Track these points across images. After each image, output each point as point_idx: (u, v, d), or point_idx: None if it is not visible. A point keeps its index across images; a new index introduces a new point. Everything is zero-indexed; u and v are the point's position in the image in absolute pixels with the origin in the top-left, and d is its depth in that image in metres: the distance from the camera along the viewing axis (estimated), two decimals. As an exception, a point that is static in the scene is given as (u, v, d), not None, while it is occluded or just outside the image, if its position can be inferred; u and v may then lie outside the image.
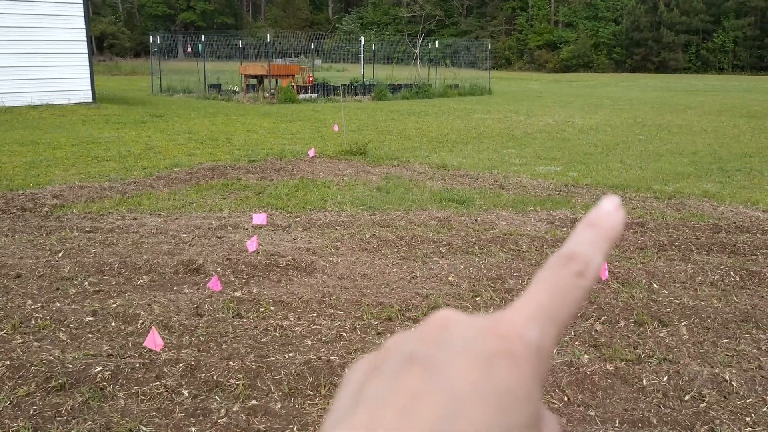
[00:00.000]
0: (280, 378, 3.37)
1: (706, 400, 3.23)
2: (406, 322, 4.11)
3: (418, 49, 30.05)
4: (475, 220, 6.61)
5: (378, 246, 5.71)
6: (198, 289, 4.70)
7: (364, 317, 4.17)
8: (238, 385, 3.30)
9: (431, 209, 7.08)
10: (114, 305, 4.33)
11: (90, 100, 18.23)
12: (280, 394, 3.27)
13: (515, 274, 5.01)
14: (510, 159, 10.67)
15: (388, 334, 3.92)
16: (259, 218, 5.93)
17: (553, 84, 38.46)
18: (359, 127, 14.69)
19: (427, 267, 5.20)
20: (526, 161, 10.47)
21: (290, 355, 3.64)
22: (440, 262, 5.34)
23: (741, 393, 3.27)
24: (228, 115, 17.22)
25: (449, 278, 4.94)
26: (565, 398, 3.25)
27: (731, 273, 5.07)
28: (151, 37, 27.66)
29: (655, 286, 4.83)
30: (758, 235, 6.20)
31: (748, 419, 3.05)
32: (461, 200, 7.42)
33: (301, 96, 22.63)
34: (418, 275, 5.00)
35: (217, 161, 9.89)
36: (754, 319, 4.18)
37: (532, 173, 9.36)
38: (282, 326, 4.04)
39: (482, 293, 4.61)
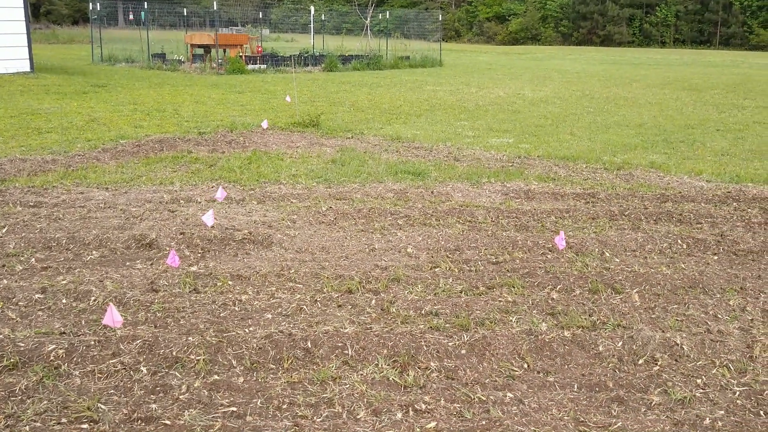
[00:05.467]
0: (242, 352, 3.33)
1: (659, 363, 3.35)
2: (367, 294, 4.10)
3: (368, 20, 29.72)
4: (431, 192, 6.64)
5: (335, 219, 5.67)
6: (152, 264, 4.58)
7: (324, 290, 4.15)
8: (198, 360, 3.25)
9: (387, 181, 7.06)
10: (64, 282, 4.18)
11: (28, 69, 17.41)
12: (242, 368, 3.23)
13: (472, 245, 5.06)
14: (463, 131, 10.72)
15: (349, 307, 3.92)
16: (222, 194, 5.82)
17: (502, 56, 38.70)
18: (311, 99, 14.50)
19: (386, 239, 5.20)
20: (478, 133, 10.54)
21: (251, 329, 3.60)
22: (398, 234, 5.34)
23: (691, 356, 3.40)
24: (174, 85, 16.72)
25: (408, 250, 4.95)
26: (525, 365, 3.31)
27: (678, 241, 5.24)
28: (90, 4, 26.52)
29: (608, 254, 4.95)
30: (702, 204, 6.42)
31: (699, 381, 3.18)
32: (417, 172, 7.43)
33: (250, 66, 22.14)
34: (376, 247, 4.99)
35: (165, 133, 9.61)
36: (701, 285, 4.34)
37: (485, 145, 9.43)
38: (241, 300, 3.98)
39: (441, 264, 4.64)
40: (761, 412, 2.91)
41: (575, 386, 3.14)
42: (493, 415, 2.85)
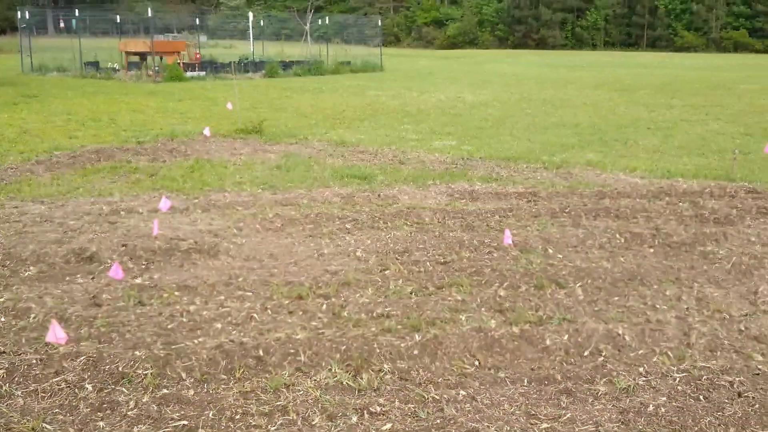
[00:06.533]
0: (191, 364, 3.27)
1: (603, 354, 3.46)
2: (317, 299, 4.09)
3: (308, 25, 29.64)
4: (378, 196, 6.67)
5: (282, 225, 5.63)
6: (93, 278, 4.45)
7: (275, 297, 4.12)
8: (146, 374, 3.18)
9: (334, 186, 7.06)
10: (1, 300, 4.02)
11: (-50, 79, 16.63)
12: (192, 380, 3.17)
13: (420, 246, 5.11)
14: (407, 135, 10.82)
15: (300, 313, 3.90)
16: (166, 203, 5.70)
17: (442, 60, 39.21)
18: (253, 105, 14.35)
19: (334, 243, 5.20)
20: (422, 136, 10.65)
21: (200, 340, 3.54)
22: (347, 238, 5.35)
23: (633, 345, 3.53)
24: (110, 94, 16.27)
25: (357, 254, 4.96)
26: (477, 363, 3.37)
27: (617, 235, 5.43)
28: (18, 12, 25.55)
29: (551, 251, 5.08)
30: (638, 199, 6.66)
31: (641, 369, 3.30)
32: (363, 176, 7.45)
33: (189, 73, 21.76)
34: (325, 252, 4.98)
35: (102, 143, 9.35)
36: (639, 277, 4.51)
37: (429, 148, 9.54)
38: (189, 311, 3.91)
39: (390, 266, 4.67)
40: (700, 397, 3.04)
41: (525, 381, 3.21)
42: (447, 414, 2.89)
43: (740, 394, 3.04)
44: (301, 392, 3.06)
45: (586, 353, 3.47)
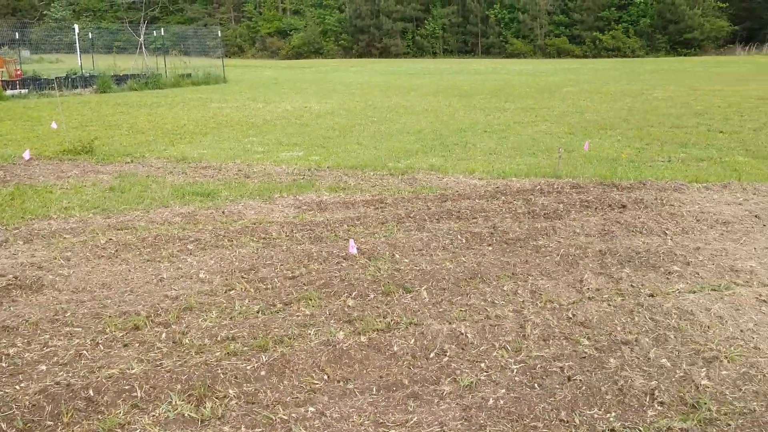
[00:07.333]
0: (12, 413, 2.95)
1: (448, 354, 3.56)
2: (156, 328, 3.86)
3: (142, 37, 28.25)
4: (223, 212, 6.45)
5: (116, 251, 5.27)
6: None
7: (107, 330, 3.82)
8: (-45, 433, 2.81)
9: (174, 205, 6.73)
10: None
11: None
12: (13, 431, 2.85)
13: (268, 263, 5.00)
14: (252, 147, 10.60)
15: (137, 344, 3.65)
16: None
17: (287, 70, 39.05)
18: (82, 123, 13.39)
19: (175, 267, 4.94)
20: (268, 148, 10.49)
21: (22, 385, 3.20)
22: (188, 259, 5.10)
23: (475, 342, 3.67)
24: None
25: (200, 275, 4.75)
26: (326, 377, 3.33)
27: (458, 236, 5.65)
28: None
29: (398, 256, 5.18)
30: (477, 200, 7.00)
31: (482, 365, 3.43)
32: (206, 193, 7.18)
33: (9, 92, 19.91)
34: (165, 276, 4.72)
35: None
36: (479, 275, 4.71)
37: (275, 160, 9.41)
38: (8, 354, 3.53)
39: (236, 286, 4.51)
40: (535, 385, 3.22)
41: (374, 389, 3.23)
42: (296, 433, 2.83)
43: (570, 378, 3.26)
44: (138, 431, 2.85)
45: (431, 355, 3.55)
